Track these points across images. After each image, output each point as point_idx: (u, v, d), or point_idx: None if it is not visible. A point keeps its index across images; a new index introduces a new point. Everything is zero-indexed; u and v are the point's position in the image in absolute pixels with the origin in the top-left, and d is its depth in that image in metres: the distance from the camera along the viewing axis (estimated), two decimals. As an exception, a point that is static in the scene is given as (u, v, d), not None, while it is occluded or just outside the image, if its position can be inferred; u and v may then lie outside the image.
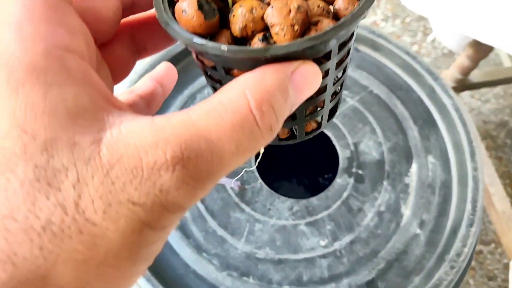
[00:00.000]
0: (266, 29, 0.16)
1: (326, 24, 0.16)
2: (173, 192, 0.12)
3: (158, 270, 0.39)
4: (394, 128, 0.48)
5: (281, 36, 0.16)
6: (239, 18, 0.16)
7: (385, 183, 0.45)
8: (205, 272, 0.40)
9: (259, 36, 0.16)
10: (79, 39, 0.14)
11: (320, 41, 0.14)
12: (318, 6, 0.17)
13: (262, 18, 0.16)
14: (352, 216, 0.43)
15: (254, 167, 0.44)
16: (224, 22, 0.17)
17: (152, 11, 0.18)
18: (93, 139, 0.12)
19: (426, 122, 0.49)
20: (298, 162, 0.60)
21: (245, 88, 0.13)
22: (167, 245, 0.41)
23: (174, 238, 0.41)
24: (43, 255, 0.11)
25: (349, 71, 0.52)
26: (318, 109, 0.19)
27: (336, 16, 0.18)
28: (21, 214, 0.11)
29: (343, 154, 0.46)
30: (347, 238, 0.42)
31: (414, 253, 0.41)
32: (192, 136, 0.12)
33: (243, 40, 0.17)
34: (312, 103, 0.18)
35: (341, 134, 0.48)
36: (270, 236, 0.41)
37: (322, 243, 0.42)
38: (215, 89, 0.19)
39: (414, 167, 0.46)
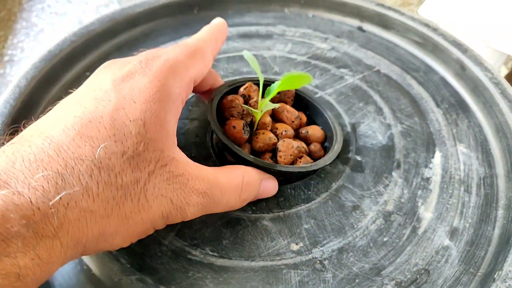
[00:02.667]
0: (272, 150, 0.30)
1: (306, 160, 0.30)
2: (191, 206, 0.23)
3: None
4: (409, 110, 0.36)
5: (282, 160, 0.29)
6: (260, 140, 0.29)
7: (394, 174, 0.32)
8: (105, 274, 0.26)
9: (269, 155, 0.30)
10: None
11: (301, 171, 0.30)
12: (304, 147, 0.31)
13: (274, 144, 0.30)
14: (343, 215, 0.29)
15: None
16: (248, 139, 0.30)
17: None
18: (171, 156, 0.22)
19: (453, 106, 0.37)
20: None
21: (243, 175, 0.26)
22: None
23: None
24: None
25: (351, 51, 0.42)
26: None
27: (311, 154, 0.32)
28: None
29: (339, 128, 0.33)
30: (333, 244, 0.28)
31: (442, 273, 0.26)
32: (214, 184, 0.24)
33: (256, 152, 0.30)
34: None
35: (336, 113, 0.36)
36: (215, 231, 0.28)
37: (294, 247, 0.27)
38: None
39: (437, 158, 0.33)
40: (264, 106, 0.30)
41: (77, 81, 0.37)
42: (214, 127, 0.29)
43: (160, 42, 0.42)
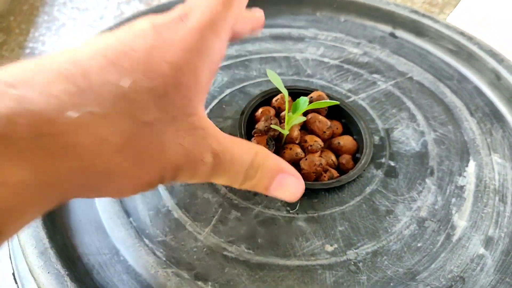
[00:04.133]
0: (298, 165, 0.31)
1: (332, 173, 0.32)
2: (202, 165, 0.21)
3: (72, 252, 0.27)
4: (442, 118, 0.37)
5: (305, 177, 0.30)
6: (286, 156, 0.31)
7: (428, 181, 0.32)
8: (141, 265, 0.27)
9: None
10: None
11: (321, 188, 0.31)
12: (331, 160, 0.32)
13: (300, 160, 0.31)
14: (377, 219, 0.30)
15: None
16: (276, 151, 0.32)
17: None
18: (197, 108, 0.21)
19: (487, 115, 0.37)
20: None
21: (257, 152, 0.23)
22: (92, 217, 0.29)
23: (107, 211, 0.29)
24: None
25: (384, 57, 0.42)
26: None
27: (340, 168, 0.33)
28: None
29: (370, 141, 0.34)
30: (367, 247, 0.28)
31: (477, 281, 0.27)
32: (229, 150, 0.22)
33: None
34: None
35: (369, 118, 0.36)
36: (250, 229, 0.29)
37: (329, 248, 0.28)
38: None
39: (471, 166, 0.33)
40: (291, 122, 0.31)
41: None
42: None
43: (193, 41, 0.43)
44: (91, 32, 1.24)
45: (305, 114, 0.34)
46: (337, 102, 0.31)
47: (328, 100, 0.32)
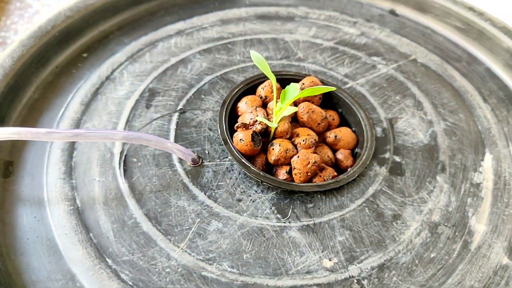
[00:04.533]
0: (290, 163, 0.27)
1: (329, 172, 0.27)
2: None
3: (15, 280, 0.22)
4: (452, 104, 0.32)
5: (298, 177, 0.26)
6: (276, 152, 0.27)
7: (439, 179, 0.28)
8: (101, 292, 0.22)
9: (286, 169, 0.27)
10: None
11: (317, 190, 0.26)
12: (327, 156, 0.28)
13: (291, 157, 0.27)
14: (382, 225, 0.25)
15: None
16: (263, 148, 0.28)
17: None
18: None
19: (503, 101, 0.33)
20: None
21: None
22: (43, 234, 0.24)
23: (62, 225, 0.24)
24: None
25: (383, 37, 0.38)
26: None
27: (337, 164, 0.29)
28: None
29: (371, 133, 0.29)
30: (372, 260, 0.24)
31: (502, 299, 0.23)
32: None
33: (271, 165, 0.28)
34: None
35: (370, 106, 0.32)
36: (234, 243, 0.24)
37: (328, 263, 0.24)
38: None
39: (488, 160, 0.29)
40: (280, 114, 0.27)
41: (72, 64, 0.33)
42: (223, 137, 0.27)
43: (168, 22, 0.38)
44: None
45: (295, 103, 0.29)
46: (333, 88, 0.26)
47: (323, 86, 0.27)
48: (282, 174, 0.27)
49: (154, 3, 0.39)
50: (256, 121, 0.27)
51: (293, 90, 0.26)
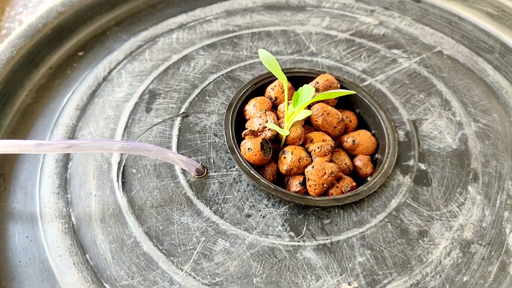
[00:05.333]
0: (303, 173, 0.24)
1: (347, 182, 0.25)
2: None
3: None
4: (484, 103, 0.29)
5: (313, 189, 0.24)
6: (287, 161, 0.24)
7: (471, 189, 0.25)
8: (97, 324, 0.20)
9: (299, 179, 0.24)
10: None
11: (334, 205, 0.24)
12: (345, 164, 0.26)
13: (305, 166, 0.24)
14: (407, 243, 0.23)
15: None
16: (273, 157, 0.25)
17: None
18: None
19: (541, 98, 0.30)
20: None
21: None
22: (36, 256, 0.22)
23: (56, 246, 0.23)
24: None
25: (404, 27, 0.35)
26: None
27: (355, 172, 0.26)
28: None
29: (393, 137, 0.27)
30: (397, 285, 0.22)
31: (546, 331, 0.20)
32: None
33: (283, 174, 0.25)
34: None
35: (391, 106, 0.29)
36: (243, 266, 0.22)
37: (346, 289, 0.21)
38: None
39: (526, 167, 0.26)
40: (292, 119, 0.24)
41: (67, 64, 0.31)
42: (229, 145, 0.25)
43: (169, 15, 0.35)
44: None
45: (309, 105, 0.27)
46: (354, 92, 0.24)
47: (341, 90, 0.24)
48: (295, 185, 0.24)
49: (154, -5, 0.36)
50: (266, 127, 0.25)
51: (307, 93, 0.24)
